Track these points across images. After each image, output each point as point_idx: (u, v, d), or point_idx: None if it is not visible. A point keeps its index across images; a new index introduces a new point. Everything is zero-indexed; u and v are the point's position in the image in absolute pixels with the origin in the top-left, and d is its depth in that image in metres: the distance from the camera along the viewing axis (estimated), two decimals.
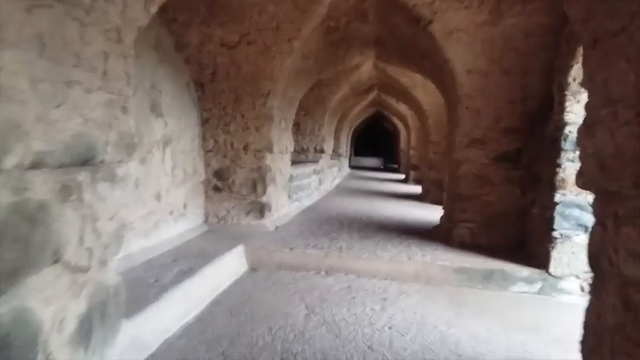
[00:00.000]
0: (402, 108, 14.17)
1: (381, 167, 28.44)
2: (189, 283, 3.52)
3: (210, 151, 5.91)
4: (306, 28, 5.16)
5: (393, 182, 16.52)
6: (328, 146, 12.55)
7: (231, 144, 5.91)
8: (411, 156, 16.41)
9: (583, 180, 2.10)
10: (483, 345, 3.07)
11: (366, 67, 8.83)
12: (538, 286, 4.34)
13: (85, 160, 2.16)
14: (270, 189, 6.07)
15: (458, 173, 5.60)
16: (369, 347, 2.96)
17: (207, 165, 5.93)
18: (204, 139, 5.88)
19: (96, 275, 2.30)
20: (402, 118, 16.28)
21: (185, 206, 5.32)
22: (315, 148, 11.58)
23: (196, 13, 4.99)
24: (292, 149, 7.31)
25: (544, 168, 4.66)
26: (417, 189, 12.82)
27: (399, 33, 5.69)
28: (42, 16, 1.86)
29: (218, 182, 5.96)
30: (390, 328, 3.30)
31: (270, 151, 5.98)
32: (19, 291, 1.81)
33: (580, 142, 2.10)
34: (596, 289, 1.93)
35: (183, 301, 3.31)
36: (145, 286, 3.30)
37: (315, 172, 10.31)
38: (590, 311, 2.01)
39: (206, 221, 5.92)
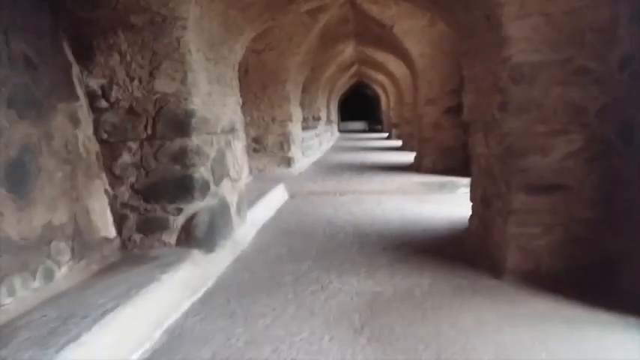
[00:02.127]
0: (380, 77, 16.38)
1: (367, 129, 30.04)
2: (265, 199, 5.87)
3: (248, 124, 8.20)
4: (309, 37, 7.43)
5: (378, 140, 18.88)
6: (323, 114, 14.85)
7: (262, 118, 8.22)
8: (391, 116, 18.75)
9: (465, 116, 4.43)
10: (430, 214, 5.46)
11: (348, 50, 11.04)
12: None
13: (232, 129, 4.47)
14: (292, 147, 8.43)
15: (421, 123, 7.98)
16: (372, 218, 5.34)
17: (247, 134, 8.22)
18: (243, 115, 8.16)
19: (239, 183, 4.64)
20: (381, 85, 18.54)
21: None
22: (312, 117, 13.86)
23: None
24: (302, 119, 9.64)
25: None
26: (399, 143, 15.22)
27: (371, 31, 7.95)
28: (217, 68, 4.13)
29: (256, 145, 8.29)
30: (383, 211, 5.69)
31: (291, 120, 8.30)
32: (218, 190, 4.13)
33: (464, 97, 4.41)
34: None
35: (265, 207, 5.69)
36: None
37: (316, 135, 12.66)
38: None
39: (250, 172, 8.26)
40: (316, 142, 12.55)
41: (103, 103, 3.47)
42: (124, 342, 2.33)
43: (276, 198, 6.46)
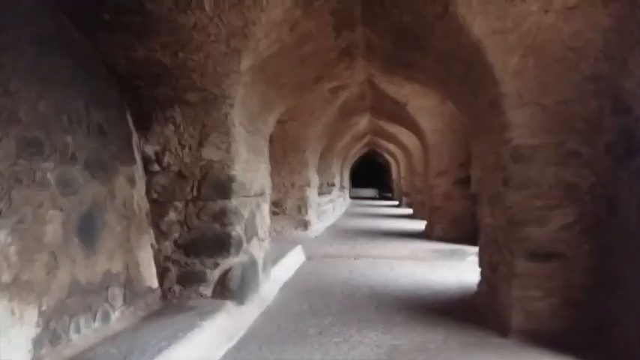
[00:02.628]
0: (392, 147, 17.07)
1: (377, 196, 30.38)
2: (285, 259, 6.23)
3: None
4: (329, 111, 8.09)
5: (388, 207, 19.31)
6: (337, 181, 15.41)
7: (283, 183, 8.74)
8: (402, 185, 19.29)
9: (473, 188, 4.86)
10: (441, 279, 5.75)
11: (363, 122, 11.74)
12: None
13: (262, 193, 4.93)
14: (310, 211, 8.88)
15: (432, 193, 8.43)
16: (386, 281, 5.65)
17: None
18: None
19: (265, 243, 5.02)
20: (392, 155, 19.24)
21: None
22: (327, 183, 14.38)
23: None
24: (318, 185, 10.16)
25: None
26: (409, 211, 15.62)
27: (386, 106, 8.60)
28: (253, 139, 4.65)
29: (276, 209, 8.74)
30: (396, 275, 6.00)
31: (309, 185, 8.81)
32: (249, 247, 4.51)
33: (472, 172, 4.86)
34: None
35: (285, 267, 6.03)
36: None
37: (331, 200, 13.14)
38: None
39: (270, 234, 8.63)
40: (330, 207, 13.00)
41: (156, 167, 3.97)
42: None
43: (294, 259, 6.81)
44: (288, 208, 8.77)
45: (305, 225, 8.76)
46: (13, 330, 2.37)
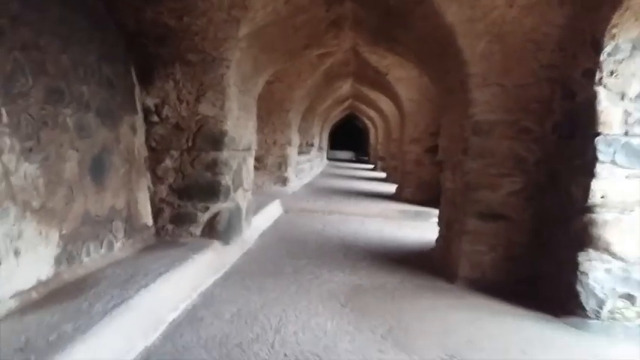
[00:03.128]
0: (371, 112, 17.47)
1: (354, 159, 30.95)
2: (265, 210, 6.71)
3: None
4: (315, 75, 8.42)
5: (364, 170, 19.90)
6: (316, 142, 15.82)
7: (265, 140, 9.12)
8: (378, 149, 19.83)
9: (439, 156, 5.37)
10: (405, 235, 6.34)
11: (345, 86, 12.08)
12: None
13: (249, 148, 5.33)
14: (289, 168, 9.32)
15: (405, 159, 8.96)
16: (355, 234, 6.20)
17: None
18: None
19: (249, 194, 5.48)
20: (371, 119, 19.66)
21: None
22: (306, 143, 14.80)
23: None
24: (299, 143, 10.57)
25: None
26: (383, 175, 16.23)
27: (368, 74, 8.97)
28: (244, 98, 5.02)
29: (257, 164, 9.12)
30: (365, 230, 6.56)
31: (290, 144, 9.22)
32: (235, 196, 4.95)
33: (439, 141, 5.36)
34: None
35: (264, 217, 6.52)
36: None
37: (309, 160, 13.60)
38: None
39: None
40: (308, 166, 13.47)
41: (155, 118, 4.33)
42: (176, 293, 3.15)
43: (273, 211, 7.30)
44: (269, 165, 9.20)
45: (284, 181, 9.22)
46: (40, 247, 2.79)
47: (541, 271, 3.82)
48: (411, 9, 4.10)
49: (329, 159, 27.08)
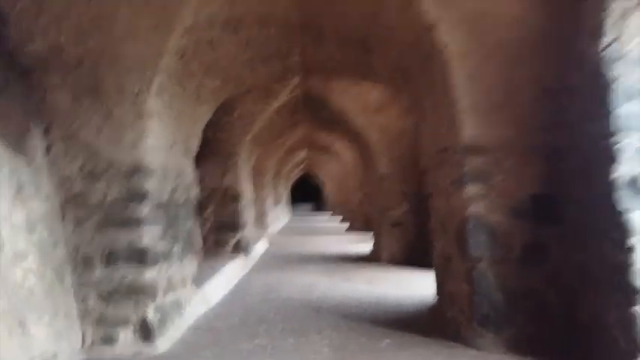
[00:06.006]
0: (324, 171, 20.61)
1: (313, 210, 34.25)
2: (260, 242, 9.44)
3: None
4: (280, 150, 11.46)
5: (321, 216, 22.77)
6: (283, 198, 18.72)
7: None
8: (332, 199, 22.90)
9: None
10: (352, 245, 9.19)
11: (302, 154, 15.15)
12: None
13: (250, 200, 8.14)
14: (268, 219, 12.12)
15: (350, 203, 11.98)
16: (313, 250, 9.00)
17: None
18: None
19: (253, 227, 8.22)
20: (326, 176, 22.83)
21: None
22: (275, 199, 17.64)
23: None
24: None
25: None
26: (337, 217, 19.23)
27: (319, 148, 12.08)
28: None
29: None
30: (325, 247, 9.36)
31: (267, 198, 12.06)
32: (247, 228, 7.69)
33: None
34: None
35: (261, 245, 9.25)
36: None
37: (280, 210, 16.44)
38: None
39: None
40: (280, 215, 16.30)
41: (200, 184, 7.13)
42: (232, 274, 5.87)
43: (264, 243, 10.04)
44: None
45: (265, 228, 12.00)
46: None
47: (426, 252, 6.75)
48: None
49: (292, 211, 29.60)
